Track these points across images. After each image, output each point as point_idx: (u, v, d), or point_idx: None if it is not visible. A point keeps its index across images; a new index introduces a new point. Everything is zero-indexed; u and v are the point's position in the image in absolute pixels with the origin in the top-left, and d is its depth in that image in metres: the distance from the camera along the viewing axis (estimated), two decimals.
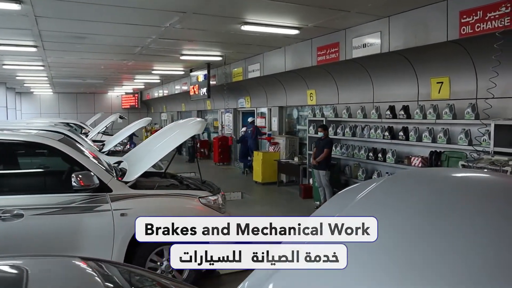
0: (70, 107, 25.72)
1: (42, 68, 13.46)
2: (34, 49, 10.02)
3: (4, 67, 13.22)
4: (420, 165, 7.28)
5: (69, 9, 6.94)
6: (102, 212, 4.24)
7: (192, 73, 14.50)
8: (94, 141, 11.34)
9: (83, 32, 8.57)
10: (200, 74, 13.77)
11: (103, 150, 8.43)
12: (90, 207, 4.21)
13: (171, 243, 3.71)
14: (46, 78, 16.96)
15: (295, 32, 8.33)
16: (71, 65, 13.33)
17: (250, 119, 13.73)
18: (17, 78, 16.79)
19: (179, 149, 11.37)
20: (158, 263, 4.51)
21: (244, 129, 13.65)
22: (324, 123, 9.27)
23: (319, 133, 8.83)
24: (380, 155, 8.12)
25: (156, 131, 22.59)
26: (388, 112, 7.82)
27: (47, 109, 25.07)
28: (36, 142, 4.28)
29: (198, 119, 5.93)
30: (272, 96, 12.61)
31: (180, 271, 4.60)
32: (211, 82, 14.87)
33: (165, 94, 20.98)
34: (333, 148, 9.36)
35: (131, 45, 10.07)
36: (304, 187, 9.74)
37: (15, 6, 6.33)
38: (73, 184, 3.99)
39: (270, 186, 11.31)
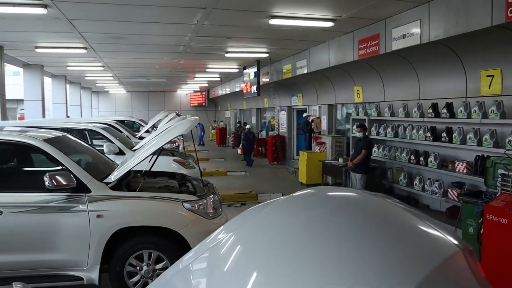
0: (142, 105, 27.06)
1: (102, 68, 14.18)
2: (84, 51, 10.52)
3: (68, 68, 14.17)
4: (464, 171, 6.34)
5: (96, 11, 7.09)
6: (78, 212, 4.15)
7: (245, 71, 14.33)
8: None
9: (120, 32, 8.77)
10: (251, 72, 13.54)
11: (134, 148, 8.54)
12: (66, 207, 4.15)
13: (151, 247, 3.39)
14: (112, 78, 17.91)
15: (330, 24, 7.75)
16: (127, 64, 13.89)
17: (305, 114, 13.26)
18: (86, 78, 18.00)
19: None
20: (138, 268, 4.34)
21: (248, 126, 14.92)
22: (364, 123, 8.54)
23: (357, 133, 8.15)
24: (422, 158, 7.24)
25: (222, 129, 22.90)
26: (430, 111, 6.93)
27: (121, 107, 26.64)
28: (20, 141, 4.33)
29: (191, 118, 5.67)
30: (322, 94, 12.00)
31: None
32: (264, 80, 14.67)
33: (227, 92, 21.13)
34: (375, 149, 8.60)
35: (172, 43, 10.13)
36: None
37: (41, 10, 6.59)
38: (46, 184, 3.95)
39: None
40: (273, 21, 7.50)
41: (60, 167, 4.26)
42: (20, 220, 4.09)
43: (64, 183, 4.05)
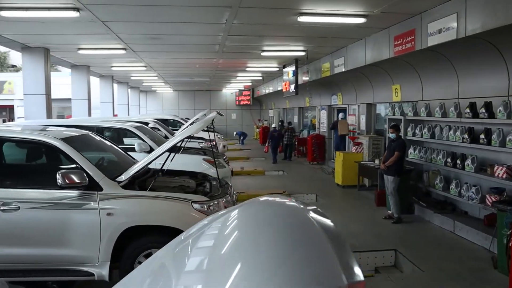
0: (188, 104, 27.60)
1: (144, 68, 14.58)
2: (123, 51, 10.83)
3: (113, 68, 14.71)
4: (504, 176, 5.84)
5: (127, 12, 7.27)
6: (89, 210, 4.25)
7: (284, 69, 14.17)
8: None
9: (154, 33, 8.94)
10: (290, 70, 13.37)
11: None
12: (79, 204, 4.26)
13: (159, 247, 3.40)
14: (157, 77, 18.40)
15: (362, 20, 7.43)
16: (168, 64, 14.19)
17: (341, 115, 12.96)
18: (132, 78, 18.62)
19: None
20: None
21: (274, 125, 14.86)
22: (397, 123, 8.13)
23: (390, 134, 7.78)
24: (459, 161, 6.77)
25: (265, 128, 22.85)
26: (468, 110, 6.45)
27: (169, 106, 27.33)
28: (38, 140, 4.50)
29: (206, 118, 5.60)
30: (361, 93, 11.61)
31: None
32: (304, 78, 14.45)
33: (270, 91, 21.06)
34: (411, 151, 8.18)
35: (206, 43, 10.20)
36: (378, 193, 8.69)
37: (74, 14, 6.83)
38: (58, 181, 4.07)
39: (350, 190, 10.41)
40: (302, 18, 7.32)
41: (74, 165, 4.38)
42: (36, 216, 4.25)
43: (76, 181, 4.16)
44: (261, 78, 19.19)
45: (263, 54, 11.43)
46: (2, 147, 4.44)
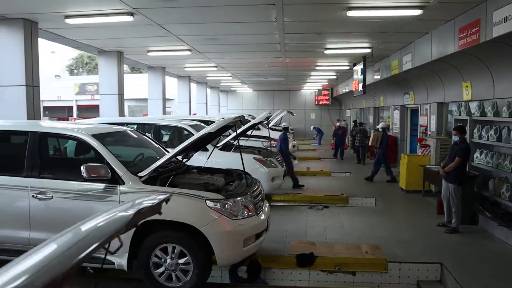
0: (267, 104, 27.84)
1: (215, 68, 15.03)
2: (189, 52, 11.28)
3: (186, 69, 15.38)
4: None
5: (179, 14, 7.55)
6: (111, 202, 4.49)
7: (354, 68, 13.67)
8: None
9: (211, 33, 9.19)
10: (359, 69, 12.86)
11: (217, 145, 8.81)
12: (102, 197, 4.54)
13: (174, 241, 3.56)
14: (231, 77, 18.86)
15: (418, 12, 6.90)
16: (237, 64, 14.48)
17: (381, 124, 12.43)
18: (208, 78, 19.30)
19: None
20: (162, 260, 4.50)
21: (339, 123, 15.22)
22: (462, 124, 7.37)
23: (453, 136, 7.09)
24: None
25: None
26: None
27: (248, 106, 27.86)
28: (70, 135, 4.88)
29: (226, 118, 5.52)
30: (432, 91, 10.73)
31: (185, 272, 4.48)
32: (376, 77, 13.82)
33: (347, 91, 20.43)
34: (477, 155, 7.38)
35: (265, 42, 10.22)
36: (439, 200, 7.95)
37: (129, 18, 7.28)
38: (83, 174, 4.36)
39: (413, 195, 9.69)
40: (351, 13, 6.99)
41: (100, 160, 4.67)
42: (66, 205, 4.61)
43: (99, 174, 4.43)
44: (335, 77, 18.71)
45: (327, 52, 11.14)
46: (41, 141, 4.88)
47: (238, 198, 4.67)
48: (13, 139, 5.25)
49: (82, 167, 4.38)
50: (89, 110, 30.42)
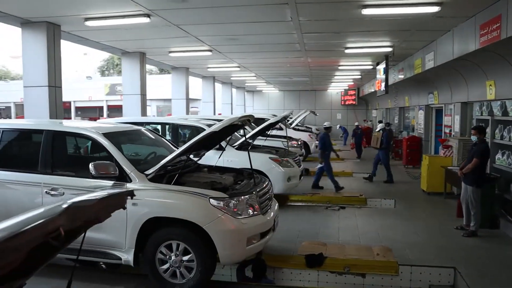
0: (293, 104, 27.74)
1: (238, 68, 15.10)
2: (209, 53, 11.39)
3: (209, 69, 15.53)
4: None
5: (195, 15, 7.62)
6: None
7: (377, 67, 13.45)
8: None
9: (229, 34, 9.24)
10: (381, 68, 12.64)
11: (234, 145, 8.86)
12: None
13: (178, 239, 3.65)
14: (255, 77, 18.89)
15: (435, 8, 6.72)
16: (259, 64, 14.50)
17: (380, 125, 12.19)
18: (232, 78, 19.41)
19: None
20: (167, 256, 4.57)
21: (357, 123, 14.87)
22: (483, 124, 7.13)
23: (472, 136, 6.87)
24: None
25: (368, 128, 21.94)
26: None
27: (274, 106, 27.84)
28: (82, 133, 5.04)
29: (228, 118, 5.50)
30: (456, 90, 10.41)
31: (189, 269, 4.54)
32: (400, 76, 13.56)
33: (373, 90, 20.09)
34: (499, 156, 7.13)
35: (284, 42, 10.18)
36: (459, 203, 7.72)
37: (145, 20, 7.43)
38: (91, 171, 4.49)
39: (434, 197, 9.44)
40: (366, 11, 6.89)
41: (109, 158, 4.79)
42: None
43: (107, 172, 4.55)
44: (360, 77, 18.45)
45: (347, 51, 11.01)
46: (54, 139, 5.05)
47: (242, 197, 4.68)
48: (30, 137, 5.46)
49: (90, 164, 4.50)
50: (119, 110, 31.16)
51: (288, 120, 17.42)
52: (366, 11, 6.88)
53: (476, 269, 5.39)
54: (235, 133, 10.21)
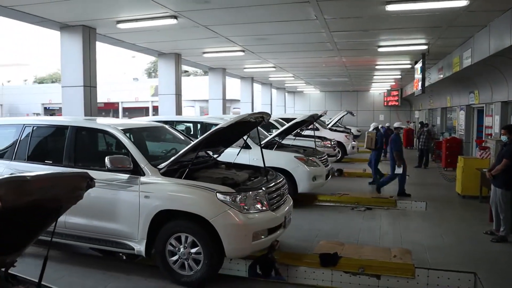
0: (335, 105, 27.40)
1: (274, 69, 15.17)
2: (242, 53, 11.55)
3: (245, 70, 15.70)
4: None
5: (222, 16, 7.80)
6: (132, 192, 4.81)
7: (415, 66, 13.05)
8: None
9: (258, 34, 9.34)
10: (418, 67, 12.26)
11: (262, 143, 8.90)
12: (125, 186, 4.87)
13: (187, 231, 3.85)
14: (293, 78, 18.87)
15: (463, 2, 6.48)
16: (294, 64, 14.50)
17: (373, 124, 11.69)
18: (271, 79, 19.49)
19: None
20: (176, 248, 4.72)
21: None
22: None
23: (502, 136, 6.55)
24: None
25: (409, 130, 21.31)
26: None
27: (315, 107, 27.59)
28: (101, 129, 5.33)
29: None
30: (496, 89, 9.91)
31: (197, 261, 4.66)
32: (439, 75, 13.09)
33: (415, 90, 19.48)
34: None
35: (313, 41, 10.15)
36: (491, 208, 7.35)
37: (172, 21, 7.69)
38: (106, 164, 4.74)
39: (469, 201, 9.03)
40: (391, 7, 6.76)
41: (127, 152, 5.03)
42: (95, 192, 4.99)
43: (123, 165, 4.78)
44: (400, 76, 17.95)
45: (380, 50, 10.79)
46: (77, 135, 5.37)
47: (250, 193, 4.75)
48: (57, 133, 5.80)
49: (106, 158, 4.75)
50: None
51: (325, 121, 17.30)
52: (390, 7, 6.75)
53: (499, 276, 5.14)
54: (266, 132, 10.39)
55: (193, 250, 4.65)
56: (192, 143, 5.05)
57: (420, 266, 5.36)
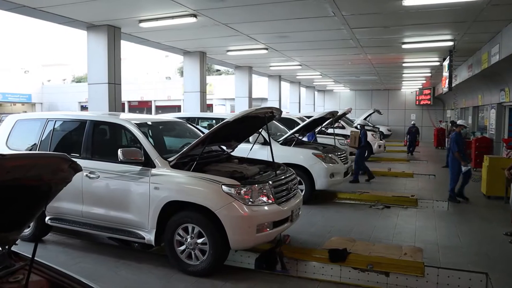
0: (365, 103, 27.00)
1: (299, 67, 15.16)
2: (265, 51, 11.62)
3: (271, 68, 15.76)
4: None
5: (242, 14, 7.92)
6: (143, 183, 5.01)
7: (444, 63, 12.72)
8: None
9: (279, 31, 9.39)
10: (446, 64, 11.95)
11: (279, 140, 8.97)
12: (136, 177, 5.08)
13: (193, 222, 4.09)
14: (321, 76, 18.76)
15: None
16: (319, 62, 14.43)
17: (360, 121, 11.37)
18: (298, 77, 19.46)
19: None
20: (184, 238, 4.87)
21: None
22: None
23: None
24: None
25: (441, 129, 20.71)
26: None
27: (345, 105, 27.19)
28: (115, 123, 5.57)
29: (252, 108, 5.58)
30: None
31: (203, 251, 4.80)
32: (469, 73, 12.71)
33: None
34: None
35: (335, 38, 10.10)
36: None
37: (192, 19, 7.87)
38: (119, 157, 4.95)
39: (494, 202, 8.74)
40: (407, 2, 6.66)
41: (137, 145, 5.24)
42: (109, 183, 5.26)
43: (134, 157, 4.98)
44: (429, 74, 17.50)
45: (404, 46, 10.60)
46: (94, 128, 5.63)
47: (255, 185, 4.84)
48: (77, 127, 6.08)
49: (119, 150, 4.97)
50: None
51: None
52: (407, 2, 6.65)
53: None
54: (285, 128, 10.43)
55: (200, 241, 4.78)
56: (200, 138, 5.18)
57: (431, 265, 5.29)
